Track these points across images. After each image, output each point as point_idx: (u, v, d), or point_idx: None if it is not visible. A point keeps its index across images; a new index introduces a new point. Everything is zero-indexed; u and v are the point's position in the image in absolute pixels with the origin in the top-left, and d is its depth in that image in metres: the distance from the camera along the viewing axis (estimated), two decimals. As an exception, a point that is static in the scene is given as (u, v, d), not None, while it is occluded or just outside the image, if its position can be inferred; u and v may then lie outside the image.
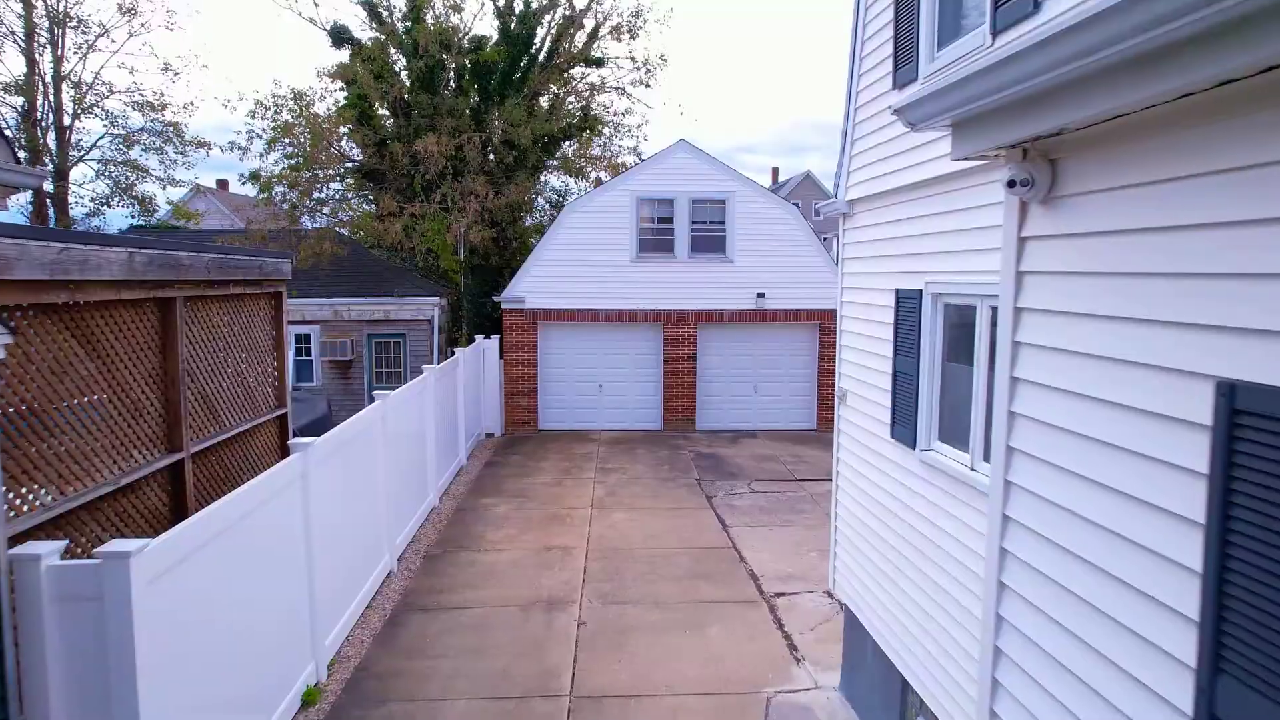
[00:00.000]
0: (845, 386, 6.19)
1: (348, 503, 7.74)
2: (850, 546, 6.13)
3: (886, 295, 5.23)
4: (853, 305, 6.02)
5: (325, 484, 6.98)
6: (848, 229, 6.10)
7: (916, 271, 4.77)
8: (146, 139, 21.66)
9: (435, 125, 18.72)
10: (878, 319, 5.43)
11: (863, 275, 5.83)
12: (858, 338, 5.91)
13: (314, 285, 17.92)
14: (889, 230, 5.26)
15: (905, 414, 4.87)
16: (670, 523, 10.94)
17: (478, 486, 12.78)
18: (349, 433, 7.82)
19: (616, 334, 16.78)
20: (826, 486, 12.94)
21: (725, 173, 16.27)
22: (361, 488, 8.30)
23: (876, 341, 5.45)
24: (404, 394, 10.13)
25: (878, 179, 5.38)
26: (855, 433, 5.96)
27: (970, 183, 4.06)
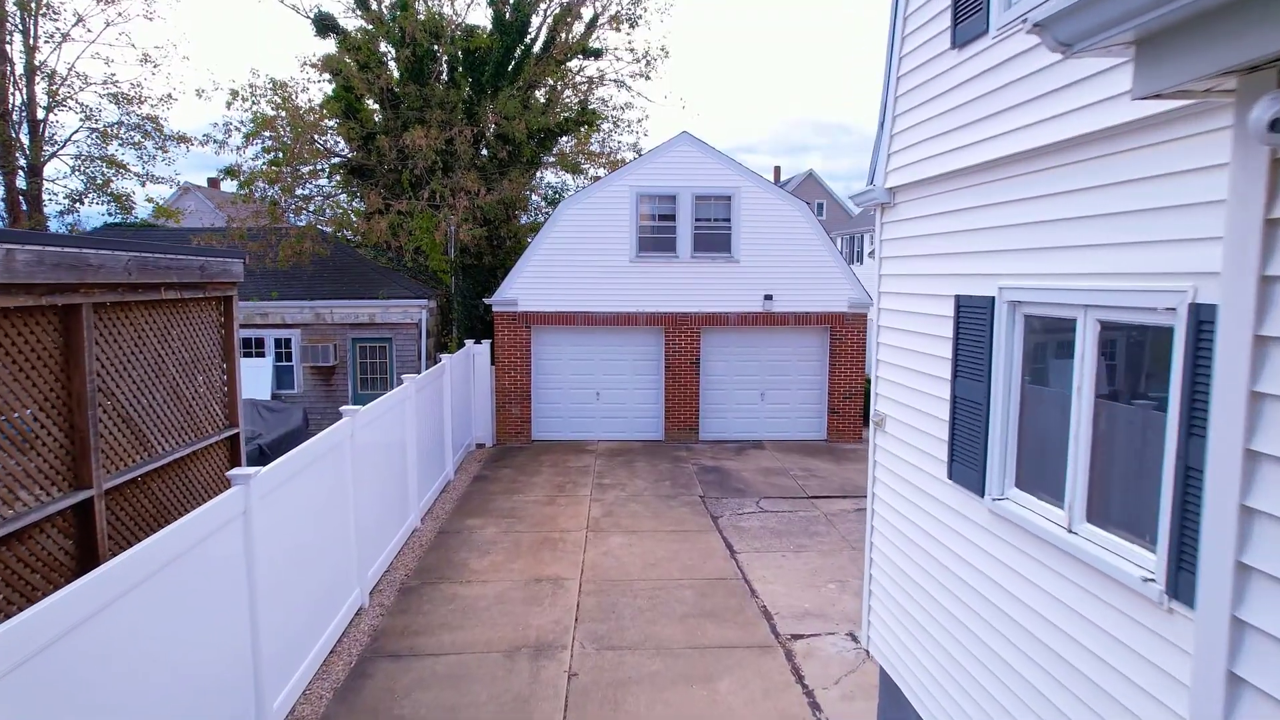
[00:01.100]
0: (883, 410, 5.23)
1: (308, 535, 6.79)
2: (888, 599, 5.16)
3: (942, 302, 4.27)
4: (894, 314, 5.06)
5: (277, 517, 6.02)
6: (887, 222, 5.14)
7: (986, 274, 3.82)
8: (124, 133, 20.70)
9: (425, 118, 17.76)
10: (929, 330, 4.47)
11: (908, 278, 4.87)
12: (901, 353, 4.95)
13: (295, 286, 16.96)
14: (947, 223, 4.30)
15: (969, 451, 3.91)
16: (672, 548, 9.97)
17: (464, 505, 11.82)
18: (310, 454, 6.86)
19: (615, 338, 15.83)
20: (841, 504, 11.99)
21: (730, 167, 15.31)
22: (327, 516, 7.35)
23: (927, 359, 4.49)
24: (379, 408, 9.16)
25: (930, 160, 4.42)
26: (897, 466, 5.00)
27: (1087, 154, 3.09)
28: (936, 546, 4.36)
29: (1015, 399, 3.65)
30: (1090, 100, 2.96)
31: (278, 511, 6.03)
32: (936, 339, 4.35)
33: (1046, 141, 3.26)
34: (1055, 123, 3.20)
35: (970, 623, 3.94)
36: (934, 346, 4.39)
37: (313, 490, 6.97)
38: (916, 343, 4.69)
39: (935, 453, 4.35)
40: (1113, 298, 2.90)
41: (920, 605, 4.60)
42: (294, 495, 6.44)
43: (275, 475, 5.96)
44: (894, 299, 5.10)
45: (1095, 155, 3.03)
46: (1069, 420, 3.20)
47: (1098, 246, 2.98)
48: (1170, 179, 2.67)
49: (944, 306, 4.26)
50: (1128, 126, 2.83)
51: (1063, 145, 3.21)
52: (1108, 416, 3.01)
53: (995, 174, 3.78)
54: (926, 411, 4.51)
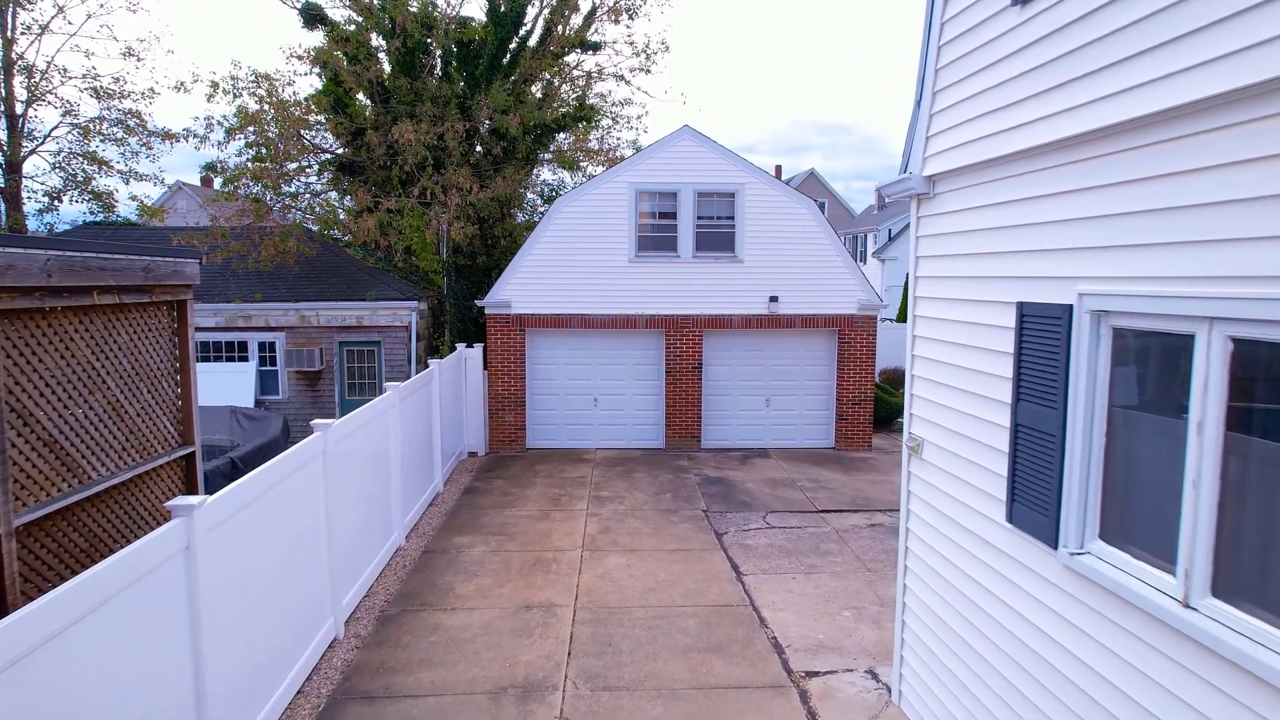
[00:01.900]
0: (919, 433, 4.53)
1: (272, 565, 6.10)
2: (924, 650, 4.46)
3: (999, 311, 3.58)
4: (933, 322, 4.36)
5: (232, 548, 5.33)
6: (925, 216, 4.44)
7: (1060, 276, 3.13)
8: (106, 128, 19.99)
9: (416, 113, 17.06)
10: (981, 343, 3.78)
11: (952, 281, 4.18)
12: (943, 369, 4.25)
13: (279, 288, 16.27)
14: (1005, 215, 3.61)
15: (1036, 491, 3.22)
16: (674, 569, 9.27)
17: (452, 520, 11.12)
18: (275, 474, 6.17)
19: (613, 342, 15.14)
20: (853, 520, 11.29)
21: (734, 162, 14.62)
22: (295, 542, 6.66)
23: (979, 378, 3.80)
24: (358, 419, 8.47)
25: (983, 141, 3.73)
26: (938, 500, 4.30)
27: (1226, 120, 2.39)
28: (989, 600, 3.66)
29: (1100, 431, 2.96)
30: (1237, 46, 2.26)
31: (232, 542, 5.34)
32: (990, 354, 3.66)
33: (1161, 107, 2.55)
34: (1176, 82, 2.49)
35: (1036, 697, 3.24)
36: (987, 363, 3.70)
37: (278, 514, 6.28)
38: (963, 357, 3.99)
39: (990, 489, 3.66)
40: (1256, 309, 2.21)
41: (965, 664, 3.91)
42: (254, 521, 5.75)
43: (227, 503, 5.27)
44: (933, 305, 4.40)
45: (1239, 121, 2.32)
46: (1182, 462, 2.50)
47: (1235, 242, 2.28)
48: (1228, 171, 1.98)
49: (1001, 315, 3.57)
50: (1201, 106, 2.15)
51: (1186, 111, 2.50)
52: (1242, 459, 2.33)
53: (1077, 153, 3.09)
54: (977, 439, 3.81)
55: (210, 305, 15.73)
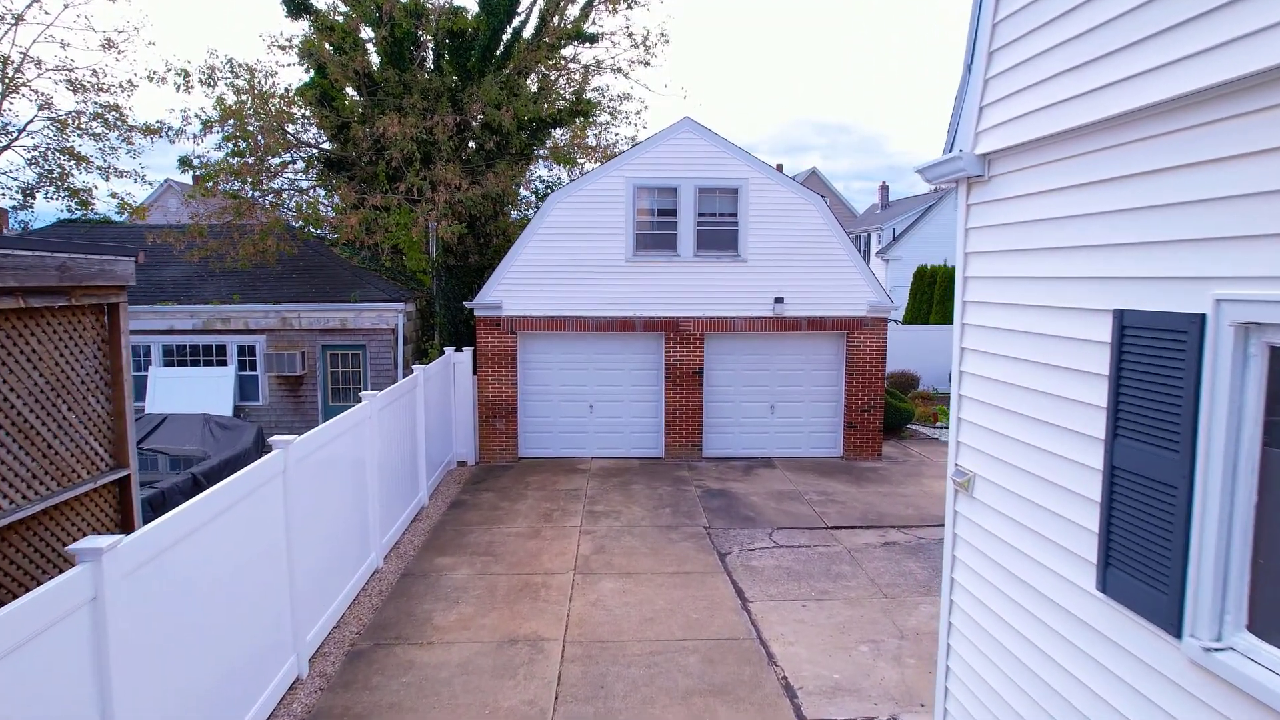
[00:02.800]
0: (970, 467, 3.77)
1: (218, 606, 5.34)
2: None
3: (1087, 320, 2.84)
4: (989, 333, 3.61)
5: (161, 595, 4.58)
6: (977, 204, 3.69)
7: (1189, 276, 2.40)
8: (84, 122, 19.21)
9: (404, 106, 16.30)
10: (1059, 360, 3.04)
11: (1016, 282, 3.43)
12: (1003, 390, 3.50)
13: (260, 288, 15.51)
14: (1099, 198, 2.86)
15: (1146, 556, 2.48)
16: (674, 596, 8.51)
17: (436, 538, 10.35)
18: (221, 500, 5.41)
19: (610, 345, 14.38)
20: (865, 537, 10.53)
21: (737, 156, 13.86)
22: (248, 577, 5.90)
23: (1055, 403, 3.05)
24: (328, 432, 7.71)
25: (1069, 104, 2.98)
26: (994, 549, 3.54)
27: None
28: (1075, 688, 2.91)
29: (1249, 484, 2.21)
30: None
31: (160, 586, 4.59)
32: (1073, 374, 2.92)
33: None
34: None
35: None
36: (1068, 385, 2.95)
37: (225, 546, 5.52)
38: (1033, 377, 3.24)
39: (1072, 545, 2.91)
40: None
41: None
42: (193, 557, 4.99)
43: (153, 540, 4.51)
44: (988, 312, 3.65)
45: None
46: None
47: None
48: None
49: (1089, 326, 2.83)
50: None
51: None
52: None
53: (1217, 110, 2.32)
54: (1054, 481, 3.06)
55: (187, 307, 14.97)
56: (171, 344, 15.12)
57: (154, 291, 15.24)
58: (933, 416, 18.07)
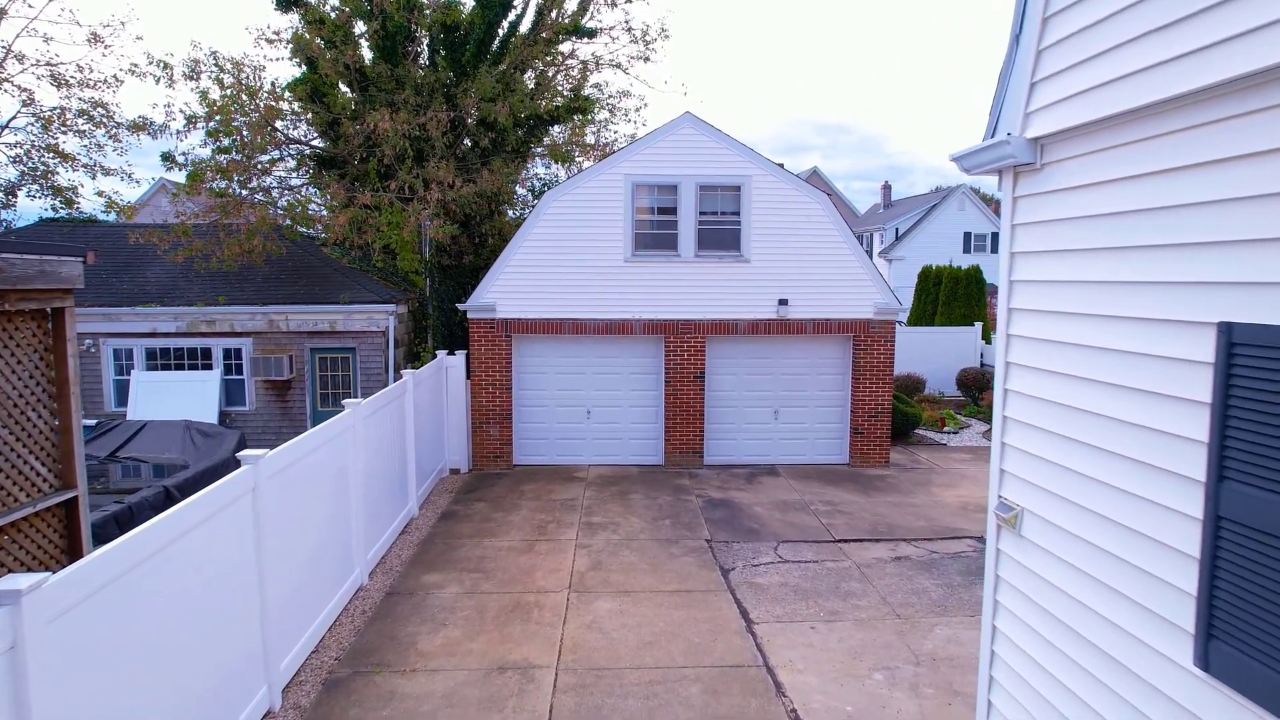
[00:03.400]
0: (1017, 501, 3.28)
1: (180, 636, 4.87)
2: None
3: (1177, 334, 2.36)
4: (1043, 346, 3.12)
5: (98, 638, 4.10)
6: (1027, 196, 3.20)
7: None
8: (70, 119, 18.71)
9: (396, 101, 15.80)
10: (1140, 382, 2.57)
11: (1079, 288, 2.94)
12: (1060, 413, 3.01)
13: (246, 290, 15.02)
14: (1195, 186, 2.38)
15: (1266, 629, 1.97)
16: (674, 617, 8.02)
17: (424, 552, 9.86)
18: (177, 525, 4.93)
19: (608, 349, 13.89)
20: (874, 551, 10.04)
21: (740, 152, 13.36)
22: (213, 602, 5.43)
23: (1135, 433, 2.57)
24: (306, 444, 7.22)
25: (1157, 71, 2.47)
26: (1051, 600, 3.06)
27: None
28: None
29: None
30: None
31: (98, 627, 4.10)
32: (1159, 400, 2.44)
33: None
34: None
35: None
36: (1153, 413, 2.47)
37: (186, 572, 5.04)
38: (1101, 400, 2.75)
39: (1160, 608, 2.43)
40: None
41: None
42: (142, 589, 4.51)
43: (90, 575, 4.02)
44: (1041, 322, 3.16)
45: None
46: None
47: None
48: None
49: (1182, 342, 2.35)
50: None
51: None
52: None
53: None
54: (1132, 527, 2.58)
55: (171, 309, 14.48)
56: (155, 347, 14.63)
57: (137, 293, 14.75)
58: (940, 421, 17.58)
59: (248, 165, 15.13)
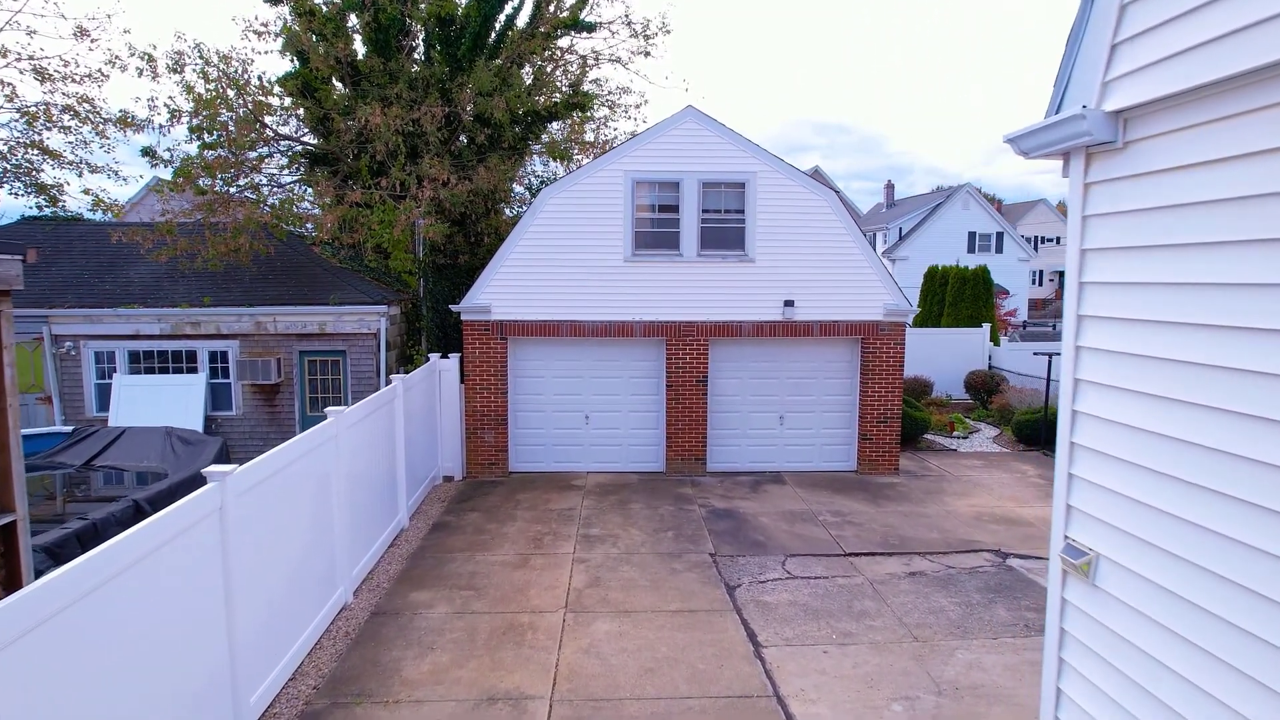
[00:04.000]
0: (1089, 544, 2.79)
1: (129, 676, 4.37)
2: None
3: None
4: (1125, 361, 2.63)
5: (29, 684, 3.61)
6: (1102, 182, 2.71)
7: None
8: (55, 114, 18.19)
9: (388, 96, 15.30)
10: (1253, 406, 2.03)
11: (1175, 292, 2.45)
12: (1151, 443, 2.50)
13: (233, 290, 14.52)
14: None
15: None
16: (678, 640, 7.51)
17: (414, 567, 9.36)
18: (130, 552, 4.44)
19: (607, 352, 13.39)
20: (887, 566, 9.53)
21: (745, 148, 12.86)
22: (175, 635, 4.94)
23: (1252, 470, 2.05)
24: (278, 459, 6.72)
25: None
26: (1143, 672, 2.55)
27: None
28: None
29: None
30: None
31: (36, 671, 3.61)
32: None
33: None
34: None
35: None
36: (1276, 447, 1.97)
37: (138, 605, 4.56)
38: (1209, 429, 2.26)
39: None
40: None
41: None
42: (84, 627, 4.02)
43: (12, 617, 3.52)
44: (1122, 331, 2.67)
45: None
46: None
47: None
48: None
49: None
50: None
51: None
52: None
53: None
54: (1251, 587, 2.07)
55: (154, 310, 13.98)
56: (138, 349, 14.12)
57: (120, 294, 14.25)
58: (949, 425, 17.08)
59: (234, 162, 14.63)
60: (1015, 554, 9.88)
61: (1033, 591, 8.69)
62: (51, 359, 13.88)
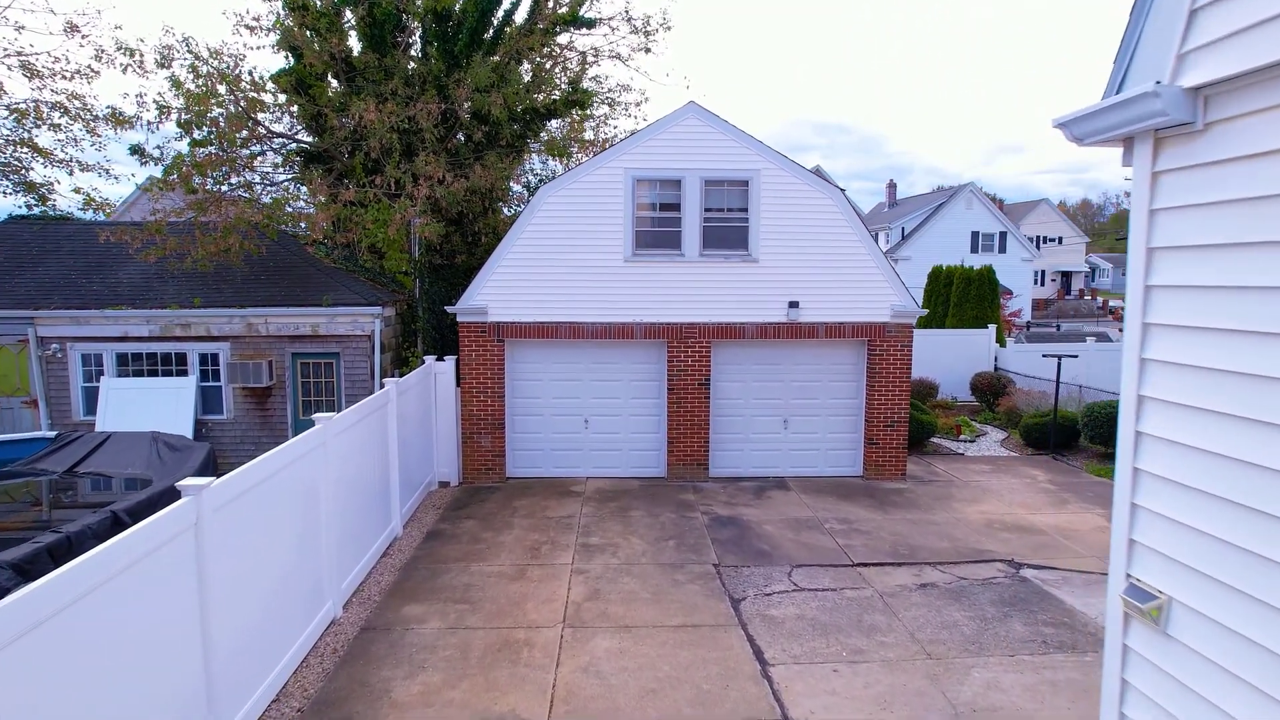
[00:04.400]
0: (1159, 586, 2.45)
1: (103, 696, 4.04)
2: None
3: None
4: (1206, 377, 2.29)
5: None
6: (1178, 169, 2.37)
7: None
8: (45, 111, 17.87)
9: (383, 92, 14.97)
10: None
11: (1266, 301, 2.06)
12: (1236, 472, 2.17)
13: (224, 291, 14.18)
14: None
15: None
16: (681, 658, 7.18)
17: (407, 578, 9.03)
18: (90, 577, 4.11)
19: (607, 354, 13.05)
20: (897, 577, 9.19)
21: (748, 145, 12.53)
22: (143, 662, 4.62)
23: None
24: (258, 471, 6.39)
25: None
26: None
27: None
28: None
29: None
30: None
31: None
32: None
33: None
34: None
35: None
36: None
37: (102, 632, 4.23)
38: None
39: None
40: None
41: None
42: (39, 659, 3.69)
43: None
44: (1200, 342, 2.34)
45: None
46: None
47: None
48: None
49: None
50: None
51: None
52: None
53: None
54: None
55: (143, 311, 13.65)
56: (126, 352, 13.79)
57: (108, 295, 13.91)
58: (955, 429, 16.74)
59: (226, 159, 14.29)
60: (1029, 564, 9.55)
61: (1049, 605, 8.36)
62: (37, 361, 13.54)
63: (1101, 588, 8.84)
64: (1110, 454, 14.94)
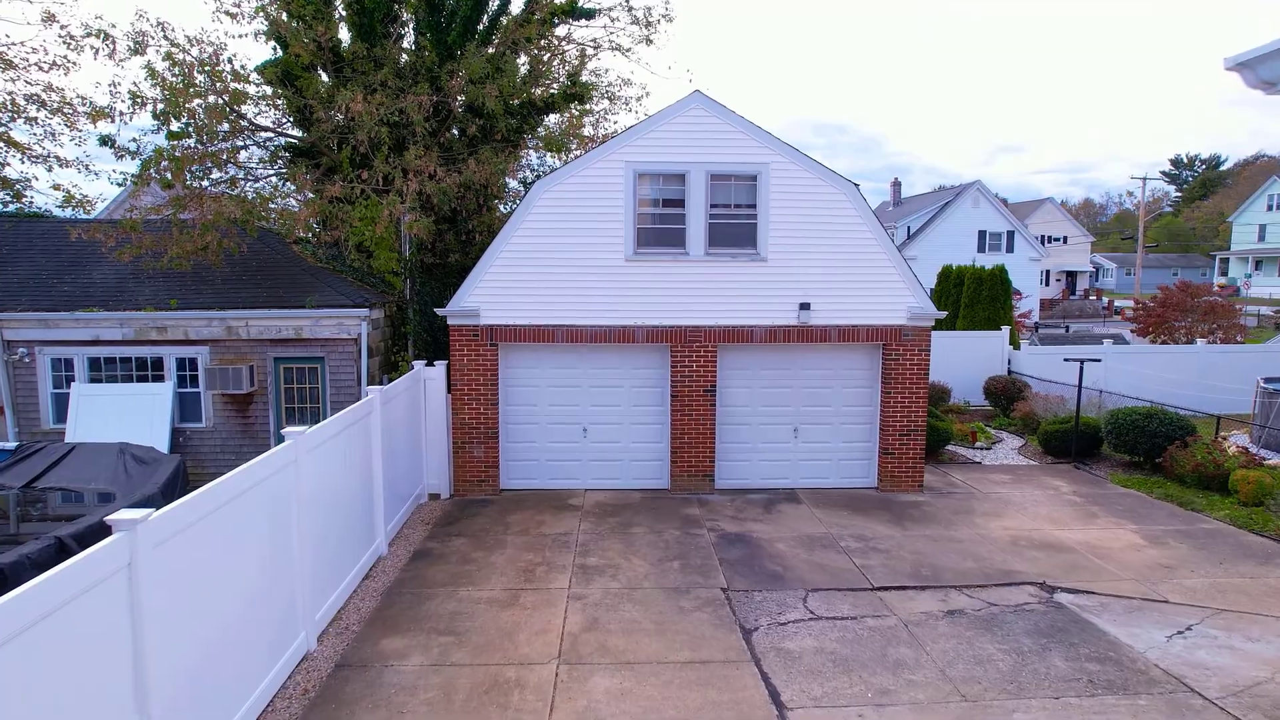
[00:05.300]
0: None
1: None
2: None
3: None
4: None
5: None
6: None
7: None
8: (20, 104, 17.14)
9: (372, 83, 14.25)
10: None
11: None
12: None
13: (203, 292, 13.46)
14: None
15: None
16: (688, 700, 6.45)
17: (389, 605, 8.30)
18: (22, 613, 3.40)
19: (607, 359, 12.33)
20: (923, 603, 8.45)
21: (757, 137, 11.81)
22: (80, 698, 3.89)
23: None
24: (218, 494, 5.67)
25: None
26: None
27: None
28: None
29: None
30: None
31: None
32: None
33: None
34: None
35: None
36: None
37: (11, 689, 3.51)
38: None
39: None
40: None
41: None
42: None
43: None
44: None
45: None
46: None
47: None
48: None
49: None
50: None
51: None
52: None
53: None
54: None
55: (117, 314, 12.93)
56: (99, 356, 13.07)
57: (79, 296, 13.19)
58: (971, 435, 16.02)
59: (206, 153, 13.56)
60: (1063, 587, 8.83)
61: (1090, 636, 7.63)
62: (3, 366, 12.82)
63: (1145, 615, 8.13)
64: (1137, 463, 14.21)
